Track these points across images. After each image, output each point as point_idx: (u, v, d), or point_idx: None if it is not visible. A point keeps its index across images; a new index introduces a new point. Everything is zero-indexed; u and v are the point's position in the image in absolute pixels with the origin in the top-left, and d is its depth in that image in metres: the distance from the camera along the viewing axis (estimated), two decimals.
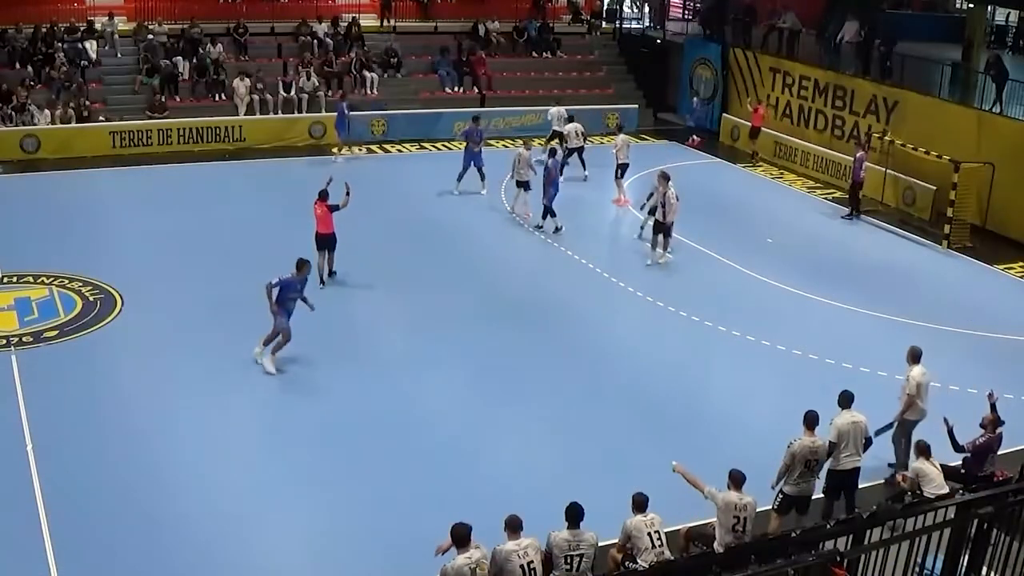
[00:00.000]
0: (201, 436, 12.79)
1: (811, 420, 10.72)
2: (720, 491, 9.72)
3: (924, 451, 10.68)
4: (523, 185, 21.63)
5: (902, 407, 12.04)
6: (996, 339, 16.74)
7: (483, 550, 8.56)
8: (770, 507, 10.76)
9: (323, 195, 17.36)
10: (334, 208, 17.23)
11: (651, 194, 19.95)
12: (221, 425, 13.08)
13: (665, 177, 18.97)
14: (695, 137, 29.23)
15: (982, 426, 11.27)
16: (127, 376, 14.35)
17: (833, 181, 25.66)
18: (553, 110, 26.19)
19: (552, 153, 21.77)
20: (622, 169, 22.95)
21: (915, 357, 12.15)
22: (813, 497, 10.90)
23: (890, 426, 12.01)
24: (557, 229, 20.76)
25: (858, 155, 22.84)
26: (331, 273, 17.78)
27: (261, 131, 26.81)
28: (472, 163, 23.02)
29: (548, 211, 20.80)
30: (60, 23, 27.35)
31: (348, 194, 17.49)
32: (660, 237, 19.16)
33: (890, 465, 12.20)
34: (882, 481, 12.03)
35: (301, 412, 13.50)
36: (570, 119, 25.24)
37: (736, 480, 9.69)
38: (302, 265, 14.54)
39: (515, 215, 21.80)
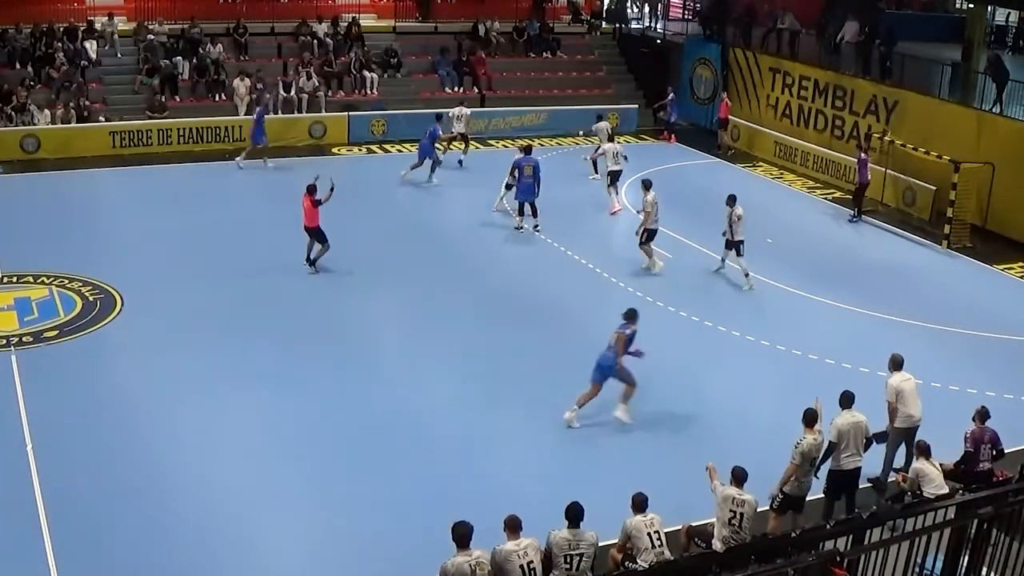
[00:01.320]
0: (201, 436, 12.79)
1: (811, 418, 10.73)
2: (723, 485, 9.85)
3: (924, 451, 10.70)
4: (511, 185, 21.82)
5: (888, 418, 11.93)
6: (996, 339, 16.73)
7: (483, 550, 8.56)
8: (768, 507, 10.78)
9: (311, 189, 17.93)
10: (317, 203, 17.82)
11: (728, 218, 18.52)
12: (221, 425, 13.07)
13: (646, 185, 18.86)
14: (670, 134, 29.00)
15: (973, 419, 11.34)
16: (127, 376, 14.35)
17: (833, 181, 25.65)
18: (454, 111, 25.98)
19: (527, 151, 21.65)
20: (613, 177, 22.70)
21: (896, 364, 12.03)
22: (813, 497, 10.89)
23: (884, 435, 11.97)
24: (518, 227, 21.02)
25: (862, 157, 22.85)
26: (310, 262, 18.12)
27: None
28: (426, 156, 23.33)
29: (521, 207, 21.00)
30: (60, 23, 27.33)
31: (332, 190, 18.04)
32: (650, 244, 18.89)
33: (869, 480, 11.91)
34: (867, 483, 11.88)
35: (301, 412, 13.48)
36: (599, 118, 25.28)
37: (738, 477, 9.80)
38: (632, 315, 13.60)
39: (511, 214, 21.85)
